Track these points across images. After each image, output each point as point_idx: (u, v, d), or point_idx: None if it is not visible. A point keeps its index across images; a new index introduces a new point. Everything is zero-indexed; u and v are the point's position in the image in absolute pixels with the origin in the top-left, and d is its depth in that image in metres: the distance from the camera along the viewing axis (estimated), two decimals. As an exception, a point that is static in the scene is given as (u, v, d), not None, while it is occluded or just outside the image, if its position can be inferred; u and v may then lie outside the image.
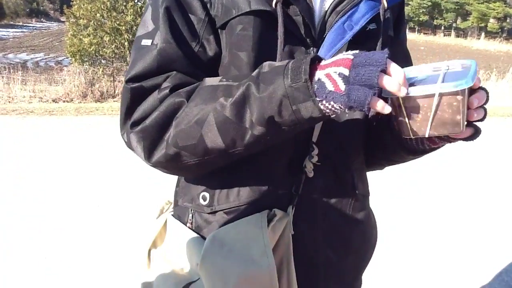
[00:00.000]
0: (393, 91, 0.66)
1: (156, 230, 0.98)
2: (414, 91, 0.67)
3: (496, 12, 38.53)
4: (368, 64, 0.64)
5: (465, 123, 0.71)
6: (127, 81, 0.79)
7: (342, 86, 0.64)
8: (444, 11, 43.47)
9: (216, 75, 0.82)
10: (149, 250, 0.97)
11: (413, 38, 40.80)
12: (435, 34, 44.80)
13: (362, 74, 0.64)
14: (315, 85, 0.66)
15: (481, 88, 0.74)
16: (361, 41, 0.82)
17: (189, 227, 0.91)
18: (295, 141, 0.83)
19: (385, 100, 0.68)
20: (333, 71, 0.65)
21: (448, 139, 0.79)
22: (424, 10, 44.53)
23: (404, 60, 1.01)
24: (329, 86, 0.65)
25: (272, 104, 0.68)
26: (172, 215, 0.96)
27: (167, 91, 0.76)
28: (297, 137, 0.80)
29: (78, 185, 3.98)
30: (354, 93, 0.63)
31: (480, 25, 40.69)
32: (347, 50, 0.80)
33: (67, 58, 11.84)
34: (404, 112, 0.71)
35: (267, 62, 0.72)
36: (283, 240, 0.84)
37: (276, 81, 0.67)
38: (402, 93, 0.66)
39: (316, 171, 0.86)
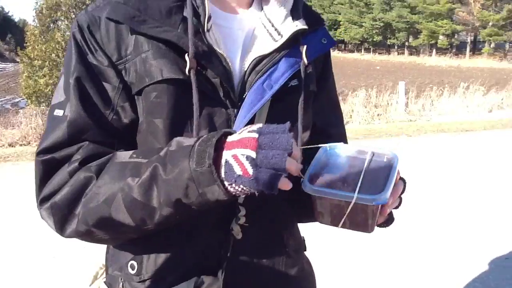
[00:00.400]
0: (296, 174, 0.68)
1: None
2: (332, 194, 0.69)
3: (445, 29, 40.24)
4: (274, 148, 0.65)
5: (375, 224, 0.74)
6: (38, 153, 0.78)
7: (250, 170, 0.64)
8: (396, 31, 45.09)
9: (135, 141, 0.82)
10: None
11: (368, 58, 42.06)
12: (389, 53, 46.29)
13: (270, 158, 0.64)
14: (223, 168, 0.66)
15: (400, 178, 0.77)
16: (282, 98, 0.83)
17: None
18: (225, 206, 0.81)
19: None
20: (241, 153, 0.65)
21: None
22: (377, 30, 46.05)
23: (332, 110, 1.02)
24: (237, 170, 0.65)
25: (178, 187, 0.67)
26: (104, 282, 0.93)
27: (76, 164, 0.75)
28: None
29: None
30: (263, 177, 0.64)
31: (430, 42, 42.35)
32: (269, 108, 0.82)
33: (23, 99, 11.62)
34: (320, 204, 0.73)
35: (176, 140, 0.72)
36: None
37: (182, 164, 0.67)
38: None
39: (244, 232, 0.84)
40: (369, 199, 0.67)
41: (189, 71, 0.76)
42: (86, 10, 0.82)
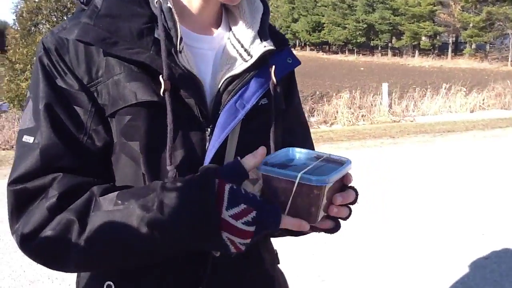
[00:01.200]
0: None
1: None
2: (279, 174, 0.72)
3: (427, 31, 40.71)
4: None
5: (321, 216, 0.75)
6: (10, 183, 0.75)
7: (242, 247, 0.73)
8: (379, 32, 45.46)
9: (110, 163, 0.81)
10: None
11: (352, 59, 42.36)
12: (373, 55, 46.59)
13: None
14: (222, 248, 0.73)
15: (351, 187, 0.79)
16: (253, 117, 0.84)
17: None
18: None
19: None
20: (238, 242, 0.72)
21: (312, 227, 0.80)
22: (360, 32, 46.35)
23: (300, 127, 1.04)
24: (232, 249, 0.73)
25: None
26: None
27: (54, 200, 0.73)
28: None
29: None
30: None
31: (413, 43, 42.80)
32: (241, 127, 0.83)
33: (5, 103, 11.47)
34: (268, 189, 0.75)
35: (167, 189, 0.73)
36: None
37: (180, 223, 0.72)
38: None
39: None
40: (312, 179, 0.69)
41: (163, 93, 0.75)
42: (52, 32, 0.81)
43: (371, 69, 30.32)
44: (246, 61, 0.84)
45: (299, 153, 0.81)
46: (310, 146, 1.04)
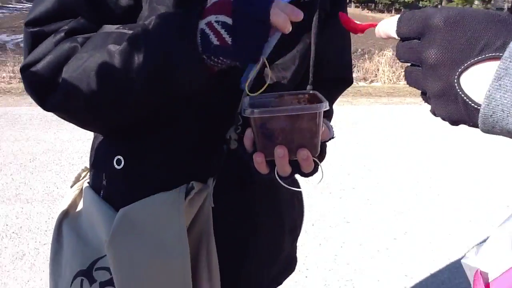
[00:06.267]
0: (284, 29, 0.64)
1: (69, 199, 0.93)
2: (282, 110, 0.66)
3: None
4: (254, 3, 0.62)
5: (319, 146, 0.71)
6: (27, 24, 0.74)
7: (227, 38, 0.62)
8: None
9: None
10: (61, 221, 0.92)
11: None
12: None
13: (249, 13, 0.62)
14: (199, 39, 0.64)
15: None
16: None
17: (102, 196, 0.86)
18: (219, 109, 0.79)
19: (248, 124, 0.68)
20: (214, 20, 0.63)
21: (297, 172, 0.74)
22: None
23: (341, 38, 0.96)
24: (214, 40, 0.63)
25: (157, 57, 0.66)
26: (88, 182, 0.91)
27: (62, 34, 0.72)
28: (221, 105, 0.77)
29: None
30: (242, 43, 0.62)
31: (464, 5, 40.78)
32: None
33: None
34: (264, 133, 0.68)
35: (163, 12, 0.69)
36: (203, 213, 0.80)
37: (165, 34, 0.65)
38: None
39: (238, 143, 0.80)
40: (314, 107, 0.65)
41: None
42: None
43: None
44: None
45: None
46: (347, 61, 1.00)
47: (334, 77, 0.97)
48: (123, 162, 0.82)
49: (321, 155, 0.75)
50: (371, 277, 2.52)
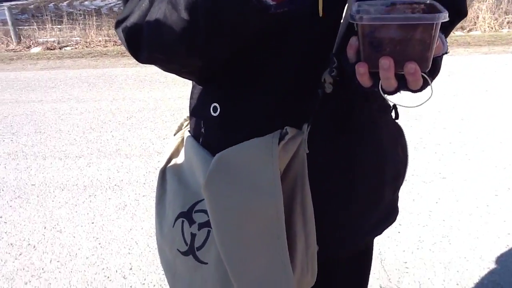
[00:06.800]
0: None
1: (172, 147, 0.97)
2: (394, 19, 0.60)
3: None
4: None
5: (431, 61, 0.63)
6: None
7: None
8: None
9: None
10: (165, 168, 0.96)
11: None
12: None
13: None
14: None
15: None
16: None
17: (201, 142, 0.88)
18: (313, 53, 0.76)
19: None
20: None
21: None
22: None
23: None
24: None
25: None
26: (188, 131, 0.94)
27: None
28: (314, 46, 0.74)
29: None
30: None
31: None
32: None
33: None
34: (371, 42, 0.62)
35: None
36: (297, 159, 0.79)
37: None
38: None
39: (333, 87, 0.77)
40: (431, 17, 0.59)
41: None
42: None
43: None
44: None
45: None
46: None
47: (449, 7, 0.88)
48: (219, 109, 0.83)
49: (434, 72, 0.69)
50: (469, 235, 2.39)
